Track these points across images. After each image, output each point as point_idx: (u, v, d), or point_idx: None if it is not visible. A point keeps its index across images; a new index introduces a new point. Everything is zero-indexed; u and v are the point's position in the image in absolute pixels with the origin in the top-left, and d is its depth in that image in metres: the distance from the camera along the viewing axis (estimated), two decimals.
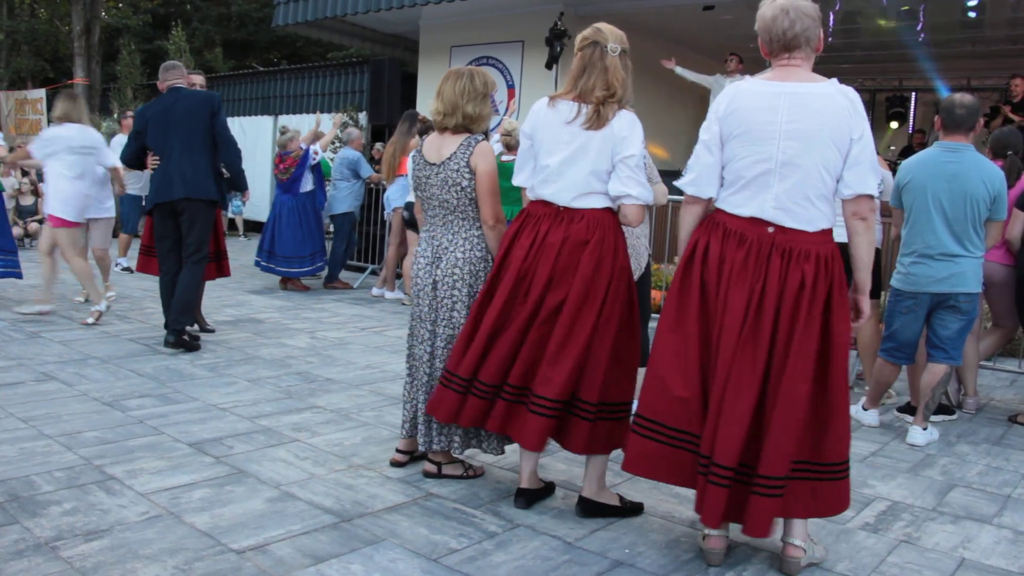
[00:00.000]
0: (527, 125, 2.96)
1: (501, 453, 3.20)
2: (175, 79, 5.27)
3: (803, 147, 2.48)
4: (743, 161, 2.56)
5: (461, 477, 3.23)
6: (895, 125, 12.93)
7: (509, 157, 6.11)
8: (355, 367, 5.06)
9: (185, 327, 5.27)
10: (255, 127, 14.12)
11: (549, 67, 9.12)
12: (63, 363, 4.72)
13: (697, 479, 2.54)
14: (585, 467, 2.96)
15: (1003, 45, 10.22)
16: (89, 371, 4.58)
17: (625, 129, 2.78)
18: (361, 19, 11.31)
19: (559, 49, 8.96)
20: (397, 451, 3.37)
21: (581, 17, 9.16)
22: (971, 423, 4.57)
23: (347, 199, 8.23)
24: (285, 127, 8.27)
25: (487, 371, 2.86)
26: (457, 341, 2.99)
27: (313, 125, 8.47)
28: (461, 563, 2.55)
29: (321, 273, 8.32)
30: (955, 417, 4.60)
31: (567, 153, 2.82)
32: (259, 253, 8.08)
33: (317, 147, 8.13)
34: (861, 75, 12.31)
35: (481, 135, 3.17)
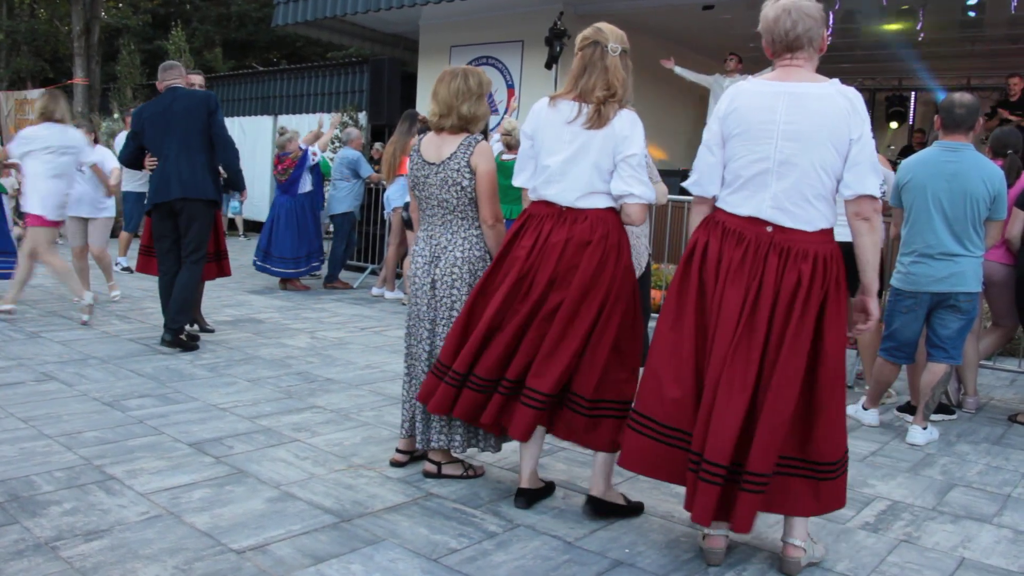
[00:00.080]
0: (528, 125, 2.95)
1: (498, 450, 3.21)
2: (173, 79, 5.26)
3: (800, 147, 2.48)
4: (741, 160, 2.56)
5: (461, 477, 3.24)
6: (895, 125, 12.95)
7: (509, 156, 6.11)
8: (355, 367, 5.06)
9: (182, 326, 5.27)
10: (255, 127, 14.13)
11: (549, 67, 9.12)
12: (63, 363, 4.72)
13: (688, 476, 2.54)
14: (593, 466, 2.96)
15: (1003, 44, 10.22)
16: (89, 371, 4.58)
17: (627, 128, 2.79)
18: (361, 19, 11.32)
19: (559, 49, 8.96)
20: (397, 451, 3.37)
21: (581, 17, 9.16)
22: (971, 422, 4.57)
23: (347, 199, 8.23)
24: (284, 128, 8.26)
25: (484, 366, 2.86)
26: (450, 334, 2.99)
27: (315, 126, 8.47)
28: (461, 563, 2.55)
29: (319, 272, 8.32)
30: (955, 416, 4.60)
31: (569, 153, 2.82)
32: (256, 253, 8.12)
33: (316, 148, 8.14)
34: (861, 75, 12.31)
35: (480, 135, 3.16)
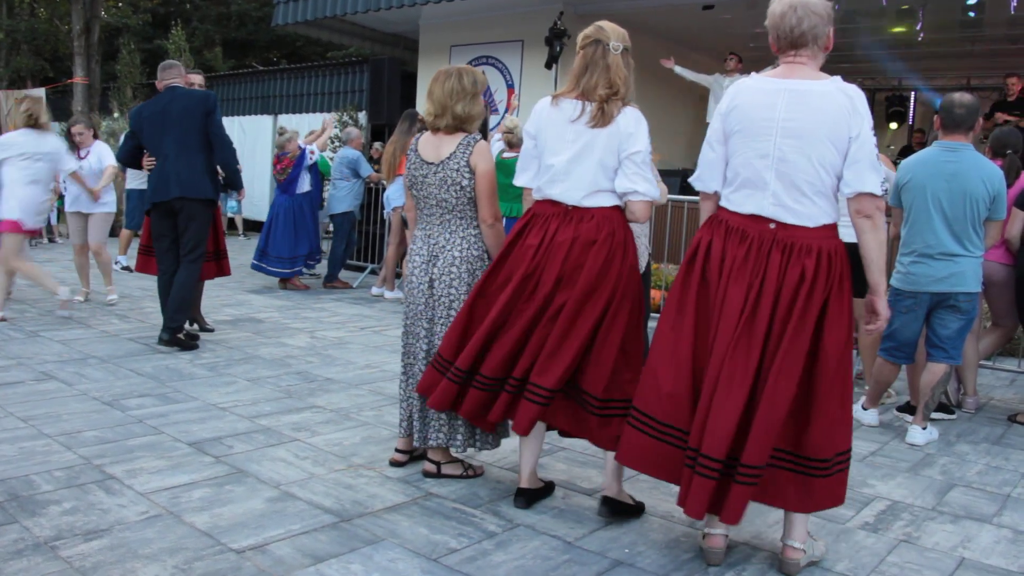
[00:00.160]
0: (531, 125, 2.95)
1: (497, 446, 3.21)
2: (172, 78, 5.26)
3: (799, 144, 2.48)
4: (742, 157, 2.57)
5: (461, 477, 3.24)
6: (894, 125, 12.94)
7: (510, 154, 6.10)
8: (355, 367, 5.06)
9: (181, 325, 5.27)
10: (255, 127, 14.13)
11: (549, 66, 9.11)
12: (63, 362, 4.72)
13: (683, 472, 2.53)
14: (605, 467, 2.95)
15: (1002, 44, 10.22)
16: (89, 370, 4.58)
17: (631, 126, 2.79)
18: (361, 18, 11.31)
19: (559, 48, 8.95)
20: (396, 450, 3.37)
21: (581, 16, 9.15)
22: (971, 422, 4.57)
23: (347, 198, 8.23)
24: (283, 128, 8.27)
25: (490, 365, 2.86)
26: (450, 329, 2.98)
27: (316, 126, 8.46)
28: (461, 563, 2.55)
29: (317, 272, 8.32)
30: (955, 416, 4.60)
31: (573, 151, 2.82)
32: (255, 253, 8.13)
33: (314, 147, 8.13)
34: (861, 74, 12.31)
35: (479, 134, 3.16)
